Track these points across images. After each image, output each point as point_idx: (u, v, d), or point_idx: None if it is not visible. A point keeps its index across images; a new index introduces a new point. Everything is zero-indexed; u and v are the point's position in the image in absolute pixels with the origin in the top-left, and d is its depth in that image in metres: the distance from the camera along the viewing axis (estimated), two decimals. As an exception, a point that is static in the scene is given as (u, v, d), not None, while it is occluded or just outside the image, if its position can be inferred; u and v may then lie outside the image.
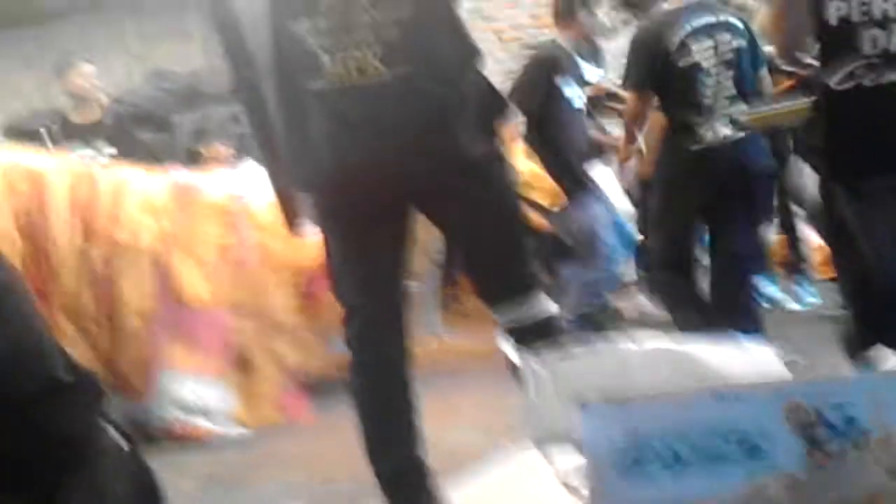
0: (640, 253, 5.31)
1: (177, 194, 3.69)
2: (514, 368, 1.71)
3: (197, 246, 3.63)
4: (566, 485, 1.29)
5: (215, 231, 3.69)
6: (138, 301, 3.47)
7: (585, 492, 1.24)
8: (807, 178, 2.22)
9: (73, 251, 3.45)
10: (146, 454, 1.46)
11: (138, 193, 3.62)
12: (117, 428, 1.37)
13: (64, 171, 3.60)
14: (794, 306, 4.61)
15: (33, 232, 3.41)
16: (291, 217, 2.39)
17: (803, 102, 2.18)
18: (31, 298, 1.24)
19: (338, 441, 2.83)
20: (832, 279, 5.30)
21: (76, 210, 3.49)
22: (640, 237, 5.20)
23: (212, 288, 3.60)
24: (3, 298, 1.16)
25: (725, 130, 3.14)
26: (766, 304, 4.32)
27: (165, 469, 1.44)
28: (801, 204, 4.79)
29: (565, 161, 4.28)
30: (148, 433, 3.29)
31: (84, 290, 3.46)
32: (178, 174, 3.88)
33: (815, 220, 4.80)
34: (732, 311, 3.28)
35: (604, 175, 4.64)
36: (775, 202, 4.10)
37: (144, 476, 1.40)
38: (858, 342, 1.99)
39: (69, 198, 3.49)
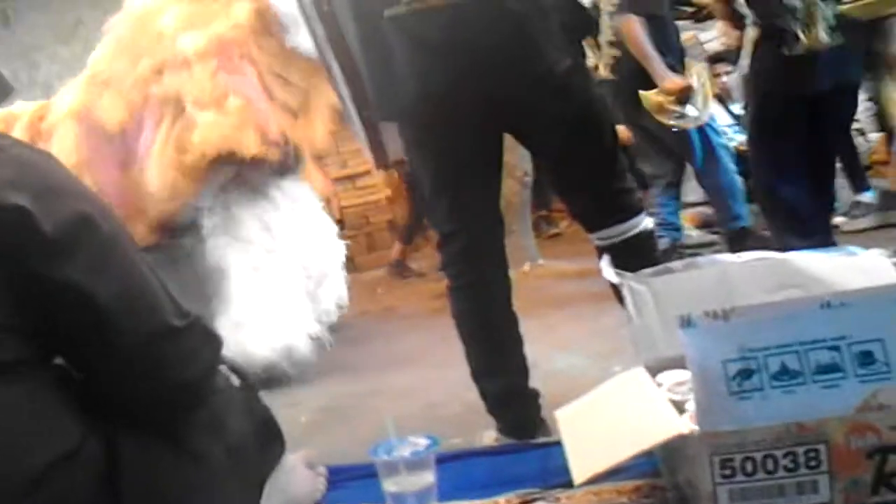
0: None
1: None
2: (615, 289, 1.70)
3: None
4: (673, 401, 1.29)
5: None
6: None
7: (692, 407, 1.23)
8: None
9: None
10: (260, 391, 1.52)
11: None
12: (231, 367, 1.43)
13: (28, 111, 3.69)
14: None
15: None
16: (379, 150, 2.40)
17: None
18: (136, 248, 1.28)
19: (445, 372, 2.89)
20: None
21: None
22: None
23: None
24: (110, 248, 1.20)
25: (824, 35, 2.99)
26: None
27: (278, 404, 1.49)
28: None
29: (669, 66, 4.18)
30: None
31: None
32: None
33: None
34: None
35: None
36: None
37: (261, 412, 1.46)
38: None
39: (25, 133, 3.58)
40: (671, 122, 4.05)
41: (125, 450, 1.19)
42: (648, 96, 3.97)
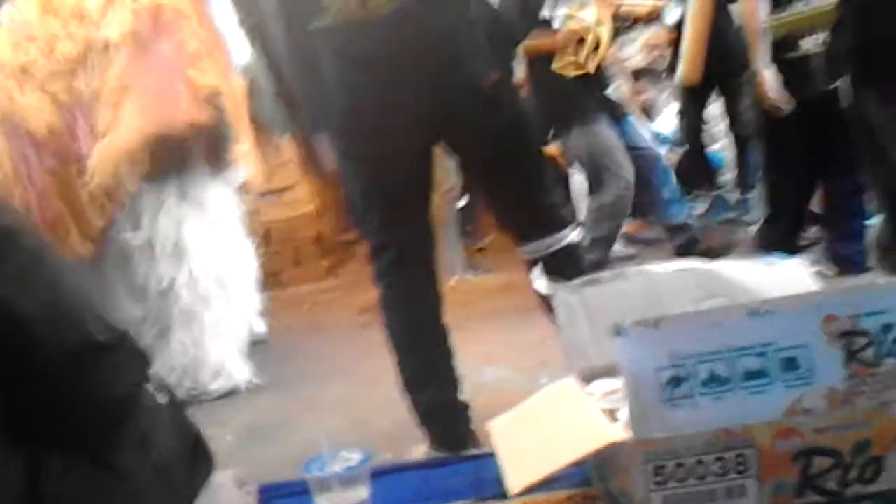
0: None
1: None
2: (544, 300, 1.71)
3: None
4: (605, 410, 1.30)
5: None
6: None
7: (624, 415, 1.25)
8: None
9: None
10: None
11: None
12: (158, 385, 1.39)
13: None
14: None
15: None
16: (314, 160, 2.40)
17: (828, 4, 2.13)
18: (62, 261, 1.24)
19: (374, 387, 2.88)
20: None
21: None
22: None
23: None
24: (33, 262, 1.17)
25: None
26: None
27: (203, 423, 1.46)
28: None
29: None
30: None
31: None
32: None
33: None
34: None
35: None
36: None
37: (188, 430, 1.42)
38: (892, 248, 1.98)
39: None
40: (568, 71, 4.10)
41: (48, 469, 1.15)
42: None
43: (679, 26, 4.73)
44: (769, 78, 3.13)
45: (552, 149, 4.28)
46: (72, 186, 3.28)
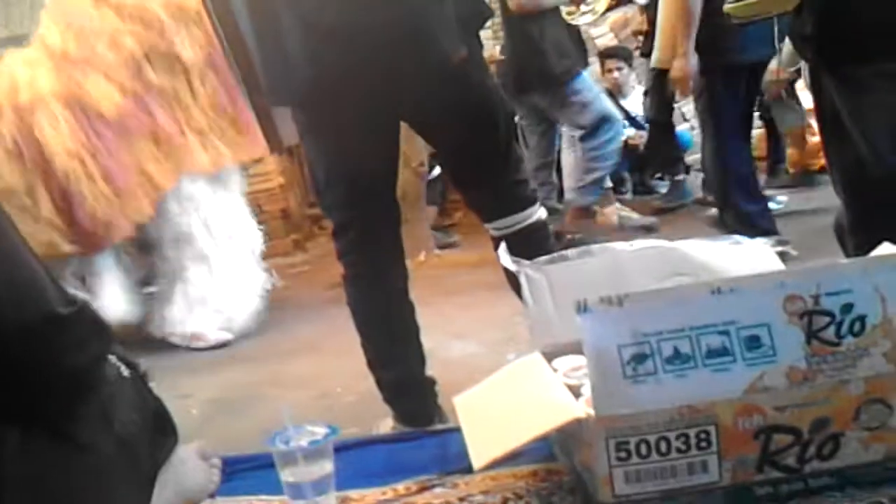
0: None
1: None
2: (510, 277, 1.72)
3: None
4: (569, 386, 1.31)
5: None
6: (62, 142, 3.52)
7: (587, 391, 1.26)
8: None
9: None
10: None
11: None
12: (121, 358, 1.38)
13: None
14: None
15: None
16: (271, 133, 2.37)
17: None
18: (17, 234, 1.22)
19: (339, 362, 2.87)
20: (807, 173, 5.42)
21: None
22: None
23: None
24: None
25: None
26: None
27: (168, 396, 1.46)
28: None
29: None
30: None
31: (16, 172, 3.54)
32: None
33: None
34: None
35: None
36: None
37: (152, 403, 1.41)
38: (851, 233, 2.00)
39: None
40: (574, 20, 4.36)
41: (7, 443, 1.13)
42: None
43: (651, 7, 4.74)
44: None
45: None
46: (143, 160, 3.62)
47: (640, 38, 5.69)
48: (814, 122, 3.86)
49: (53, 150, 3.50)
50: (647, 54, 4.89)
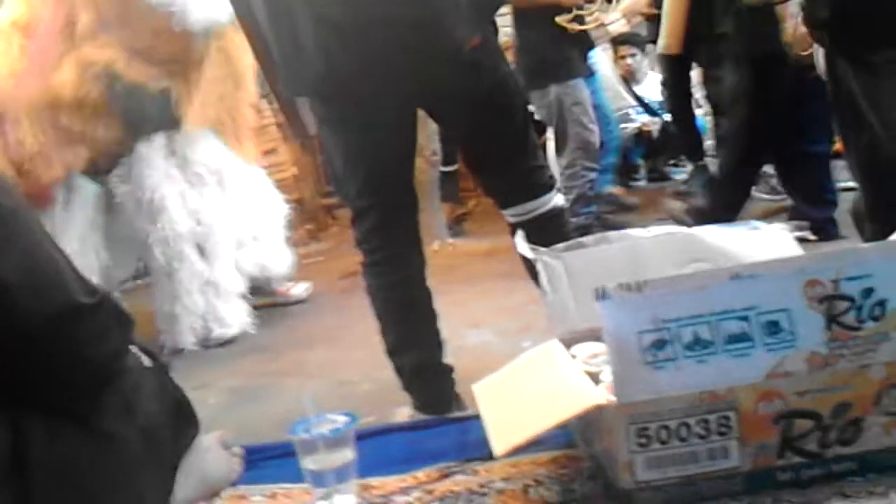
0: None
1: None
2: (527, 265, 1.72)
3: None
4: (588, 373, 1.31)
5: None
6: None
7: (607, 377, 1.26)
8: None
9: None
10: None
11: None
12: (142, 348, 1.39)
13: None
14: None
15: None
16: (296, 122, 2.37)
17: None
18: (39, 225, 1.23)
19: (356, 351, 2.88)
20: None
21: None
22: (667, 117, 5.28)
23: None
24: (10, 225, 1.15)
25: None
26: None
27: (186, 386, 1.47)
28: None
29: None
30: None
31: None
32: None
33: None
34: None
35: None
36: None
37: (173, 392, 1.42)
38: (868, 218, 1.99)
39: None
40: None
41: (33, 432, 1.14)
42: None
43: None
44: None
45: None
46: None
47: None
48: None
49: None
50: (653, 41, 4.86)
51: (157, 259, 3.60)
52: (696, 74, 4.78)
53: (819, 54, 2.08)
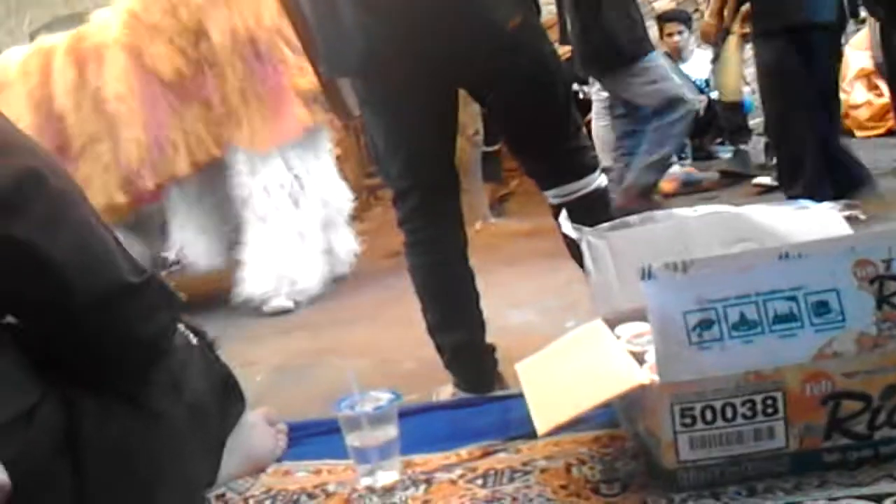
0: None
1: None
2: (570, 245, 1.71)
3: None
4: (632, 353, 1.30)
5: None
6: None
7: (651, 358, 1.25)
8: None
9: (71, 92, 3.91)
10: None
11: None
12: (189, 326, 1.41)
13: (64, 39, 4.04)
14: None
15: (41, 100, 3.91)
16: (338, 102, 2.38)
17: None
18: (89, 205, 1.25)
19: (399, 330, 2.90)
20: (880, 135, 5.28)
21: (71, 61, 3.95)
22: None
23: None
24: (61, 205, 1.17)
25: None
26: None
27: (232, 364, 1.49)
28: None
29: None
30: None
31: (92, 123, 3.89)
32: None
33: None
34: None
35: None
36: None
37: (220, 370, 1.45)
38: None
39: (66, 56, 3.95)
40: None
41: (84, 410, 1.17)
42: None
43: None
44: None
45: None
46: (189, 121, 3.90)
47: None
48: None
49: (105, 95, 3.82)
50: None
51: (255, 209, 3.92)
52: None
53: (875, 28, 2.04)
